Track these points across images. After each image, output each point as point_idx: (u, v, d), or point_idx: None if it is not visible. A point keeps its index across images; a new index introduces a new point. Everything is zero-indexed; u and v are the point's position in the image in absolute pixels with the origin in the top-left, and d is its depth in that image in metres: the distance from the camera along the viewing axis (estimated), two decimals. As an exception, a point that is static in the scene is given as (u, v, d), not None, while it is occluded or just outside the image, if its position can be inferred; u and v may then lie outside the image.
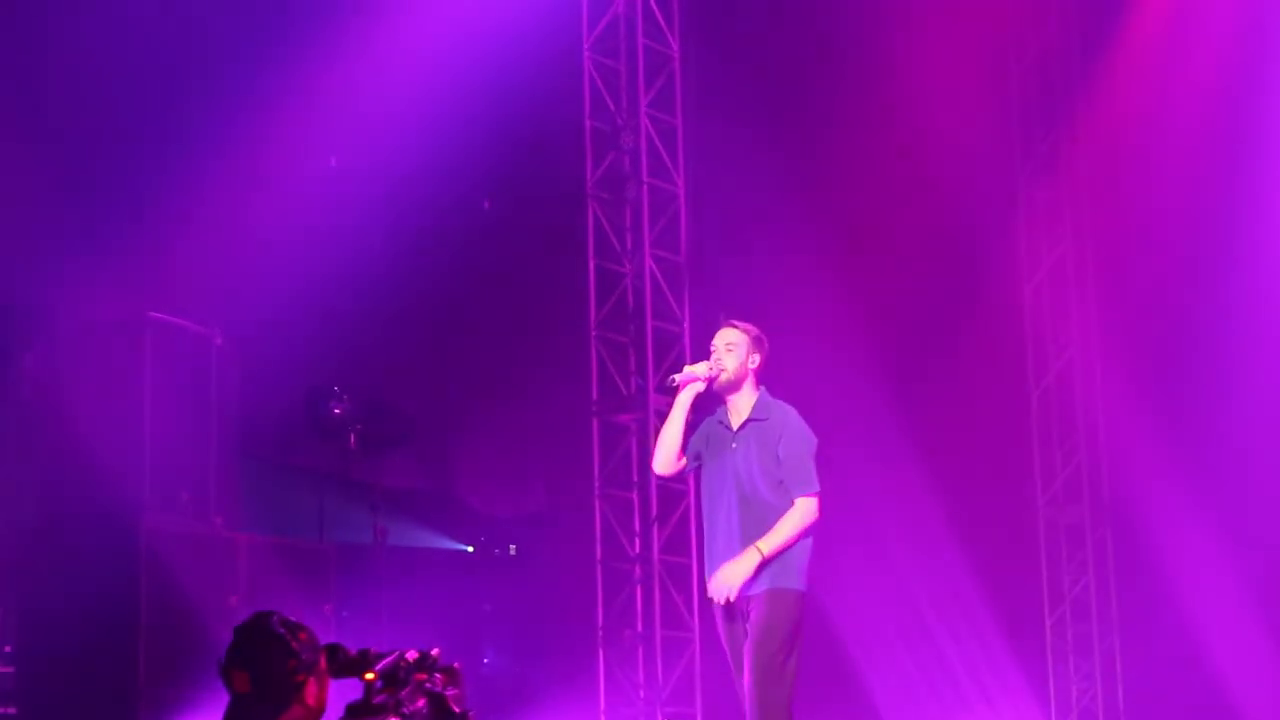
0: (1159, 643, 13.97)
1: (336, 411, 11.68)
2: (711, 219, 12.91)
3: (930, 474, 13.64)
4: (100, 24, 11.03)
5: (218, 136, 11.36)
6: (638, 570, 12.15)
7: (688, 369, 8.30)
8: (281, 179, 11.79)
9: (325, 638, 4.94)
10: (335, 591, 10.52)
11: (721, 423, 8.24)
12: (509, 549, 14.20)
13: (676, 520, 12.12)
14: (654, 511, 12.10)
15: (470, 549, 14.15)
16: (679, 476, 8.94)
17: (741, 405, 8.19)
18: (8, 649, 9.74)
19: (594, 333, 12.32)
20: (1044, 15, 14.63)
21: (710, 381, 8.16)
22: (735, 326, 8.24)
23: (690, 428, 8.31)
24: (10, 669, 9.67)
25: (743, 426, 8.14)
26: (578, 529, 12.57)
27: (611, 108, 12.47)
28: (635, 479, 12.23)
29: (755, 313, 8.51)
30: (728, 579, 7.93)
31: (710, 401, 8.35)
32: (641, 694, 11.98)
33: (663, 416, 12.03)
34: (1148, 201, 14.22)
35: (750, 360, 8.17)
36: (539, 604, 13.55)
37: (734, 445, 8.12)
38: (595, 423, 12.32)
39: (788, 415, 8.17)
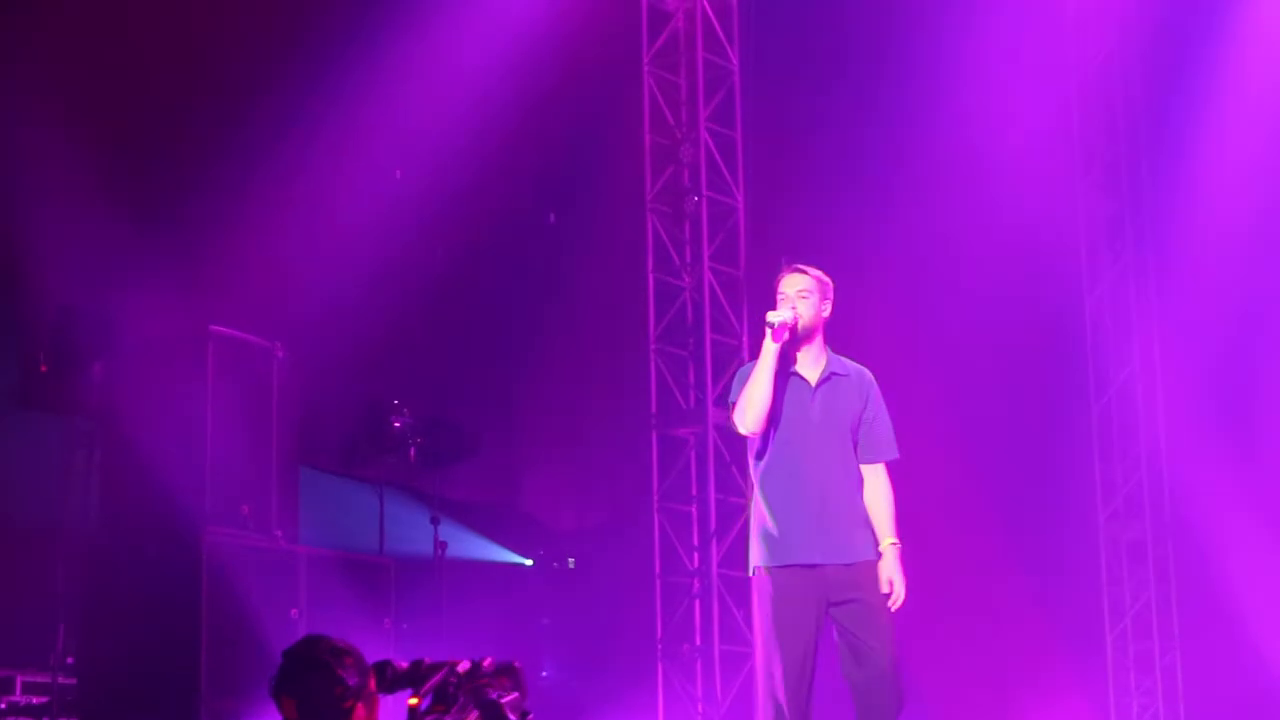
0: (1220, 659, 13.89)
1: (397, 425, 11.70)
2: (770, 233, 12.90)
3: (991, 488, 13.60)
4: (163, 37, 11.10)
5: (282, 150, 11.42)
6: (696, 584, 12.15)
7: (773, 315, 7.47)
8: (345, 192, 11.84)
9: (384, 651, 4.96)
10: (395, 605, 10.54)
11: (795, 374, 7.56)
12: (568, 562, 14.21)
13: (735, 534, 12.10)
14: (713, 525, 12.11)
15: (530, 562, 14.17)
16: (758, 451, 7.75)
17: (815, 356, 7.57)
18: (70, 660, 9.80)
19: (653, 346, 12.33)
20: (1105, 25, 14.58)
21: (794, 330, 7.46)
22: (804, 272, 7.58)
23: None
24: (73, 680, 9.73)
25: (824, 380, 7.56)
26: (637, 542, 12.57)
27: (671, 121, 12.50)
28: (694, 493, 12.24)
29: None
30: (898, 597, 7.45)
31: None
32: (700, 708, 11.98)
33: (722, 431, 12.13)
34: (1210, 212, 14.14)
35: (824, 308, 7.56)
36: (598, 617, 13.55)
37: (814, 400, 7.53)
38: (654, 436, 12.33)
39: (870, 376, 7.69)
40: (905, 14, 13.68)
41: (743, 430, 7.55)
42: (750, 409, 7.46)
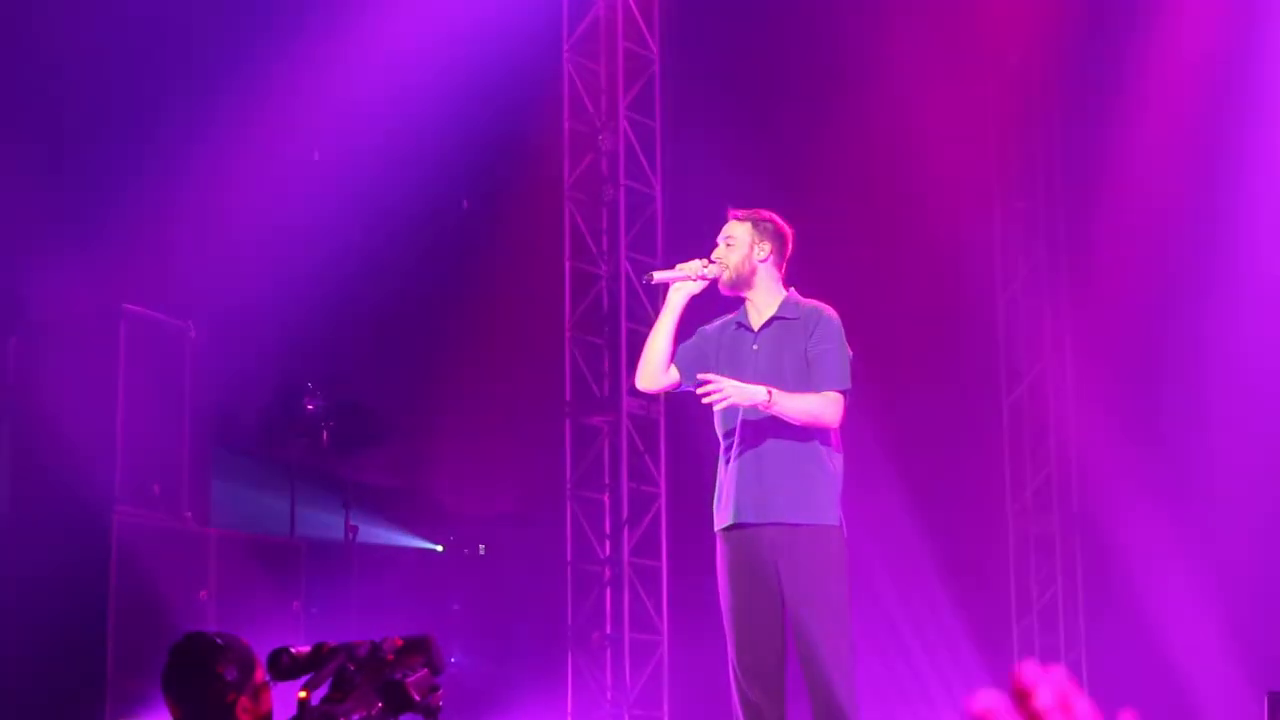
0: (1125, 654, 14.02)
1: (310, 407, 11.66)
2: (688, 223, 12.92)
3: (901, 481, 13.65)
4: (78, 13, 11.01)
5: (196, 128, 11.35)
6: (607, 572, 12.16)
7: (679, 266, 7.06)
8: (259, 173, 11.77)
9: (294, 635, 4.93)
10: (305, 588, 10.50)
11: (740, 324, 7.08)
12: (479, 548, 14.18)
13: (647, 523, 12.14)
14: (625, 514, 12.12)
15: (440, 548, 14.14)
16: (672, 392, 7.33)
17: (762, 303, 7.05)
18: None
19: (568, 334, 12.33)
20: (1025, 26, 14.66)
21: (714, 282, 7.02)
22: (734, 216, 7.10)
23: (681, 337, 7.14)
24: (-23, 660, 9.64)
25: (766, 325, 7.03)
26: (548, 530, 12.57)
27: (590, 109, 12.49)
28: (607, 481, 12.25)
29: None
30: (729, 384, 6.71)
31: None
32: (609, 696, 11.99)
33: (636, 420, 12.16)
34: (1123, 213, 14.26)
35: (757, 251, 7.02)
36: (508, 604, 13.54)
37: (755, 348, 6.99)
38: (568, 424, 12.33)
39: (822, 312, 7.04)
40: (826, 8, 13.72)
41: (639, 385, 7.19)
42: (641, 362, 7.10)
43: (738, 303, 7.20)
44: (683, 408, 12.07)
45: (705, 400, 6.83)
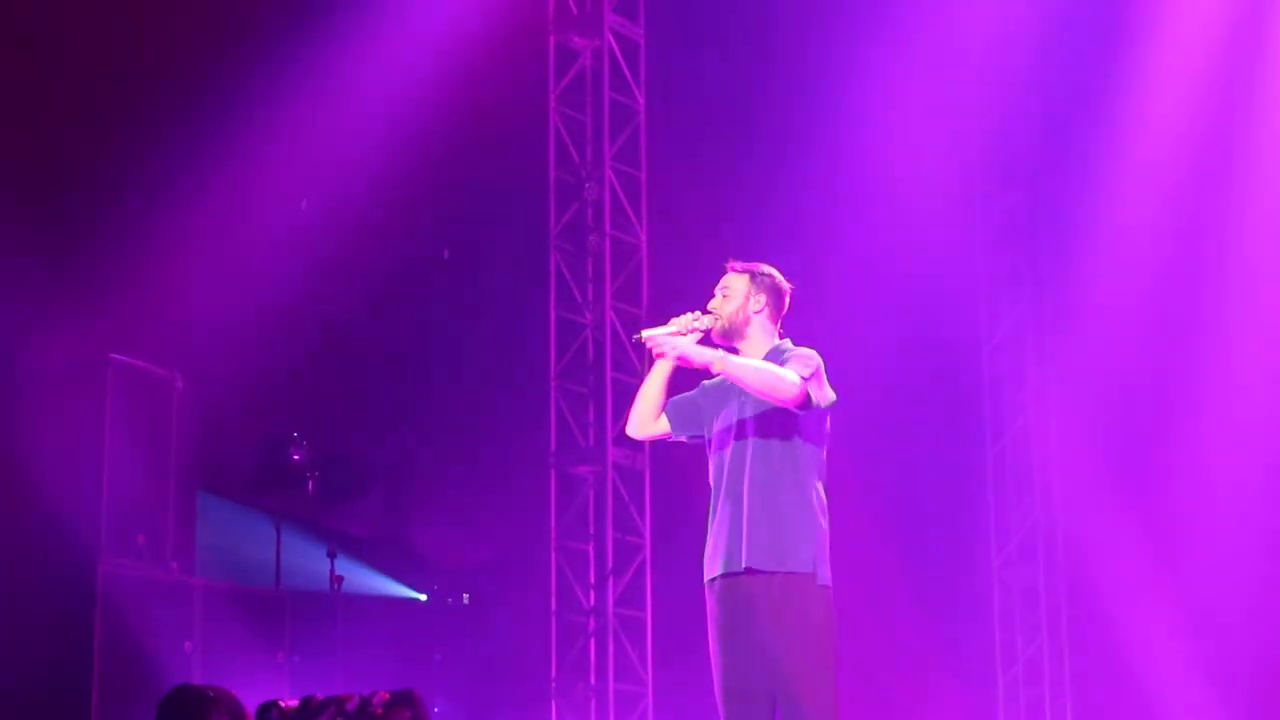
0: (1110, 705, 14.01)
1: (295, 457, 11.66)
2: (673, 272, 12.94)
3: (886, 531, 13.66)
4: (61, 66, 11.03)
5: (186, 179, 11.36)
6: (592, 623, 12.14)
7: (672, 321, 6.95)
8: (245, 223, 11.78)
9: (278, 685, 4.92)
10: (289, 638, 10.47)
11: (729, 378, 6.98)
12: (463, 598, 14.16)
13: (632, 574, 12.13)
14: (609, 564, 12.11)
15: (424, 597, 14.12)
16: (660, 441, 7.27)
17: (753, 353, 6.96)
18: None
19: (554, 383, 12.34)
20: (1005, 77, 14.72)
21: (707, 334, 6.92)
22: (732, 269, 7.08)
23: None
24: (-39, 712, 9.61)
25: None
26: (533, 580, 12.54)
27: (576, 159, 12.53)
28: (591, 531, 12.24)
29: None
30: (663, 337, 6.77)
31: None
32: (593, 747, 11.97)
33: (621, 470, 12.15)
34: (1106, 264, 14.30)
35: (751, 302, 7.00)
36: (492, 654, 13.50)
37: (741, 398, 6.90)
38: (553, 474, 12.32)
39: (800, 348, 6.94)
40: (811, 63, 13.77)
41: (629, 432, 7.17)
42: (632, 409, 7.10)
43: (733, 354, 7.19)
44: (668, 458, 12.09)
45: (649, 345, 6.83)
